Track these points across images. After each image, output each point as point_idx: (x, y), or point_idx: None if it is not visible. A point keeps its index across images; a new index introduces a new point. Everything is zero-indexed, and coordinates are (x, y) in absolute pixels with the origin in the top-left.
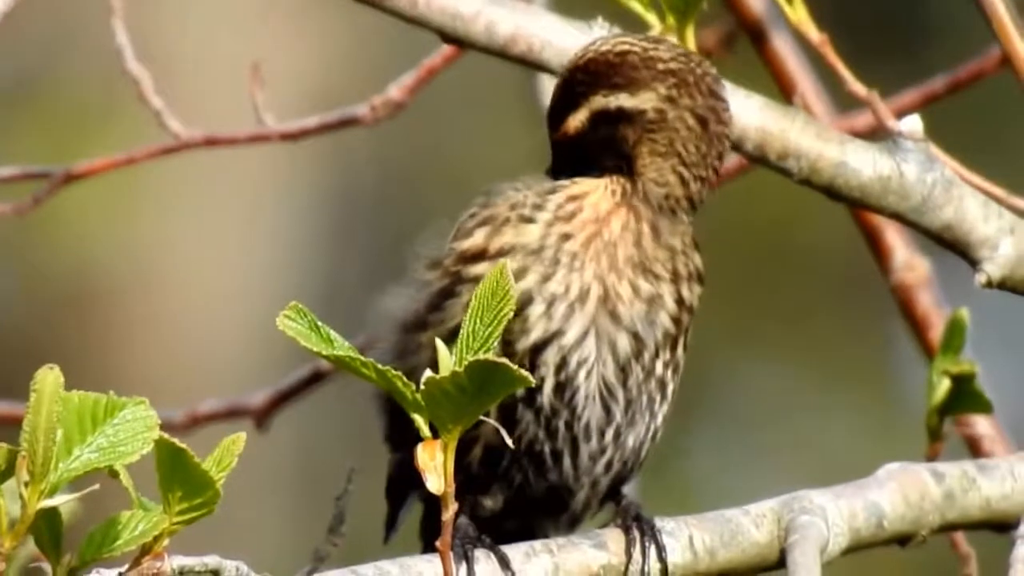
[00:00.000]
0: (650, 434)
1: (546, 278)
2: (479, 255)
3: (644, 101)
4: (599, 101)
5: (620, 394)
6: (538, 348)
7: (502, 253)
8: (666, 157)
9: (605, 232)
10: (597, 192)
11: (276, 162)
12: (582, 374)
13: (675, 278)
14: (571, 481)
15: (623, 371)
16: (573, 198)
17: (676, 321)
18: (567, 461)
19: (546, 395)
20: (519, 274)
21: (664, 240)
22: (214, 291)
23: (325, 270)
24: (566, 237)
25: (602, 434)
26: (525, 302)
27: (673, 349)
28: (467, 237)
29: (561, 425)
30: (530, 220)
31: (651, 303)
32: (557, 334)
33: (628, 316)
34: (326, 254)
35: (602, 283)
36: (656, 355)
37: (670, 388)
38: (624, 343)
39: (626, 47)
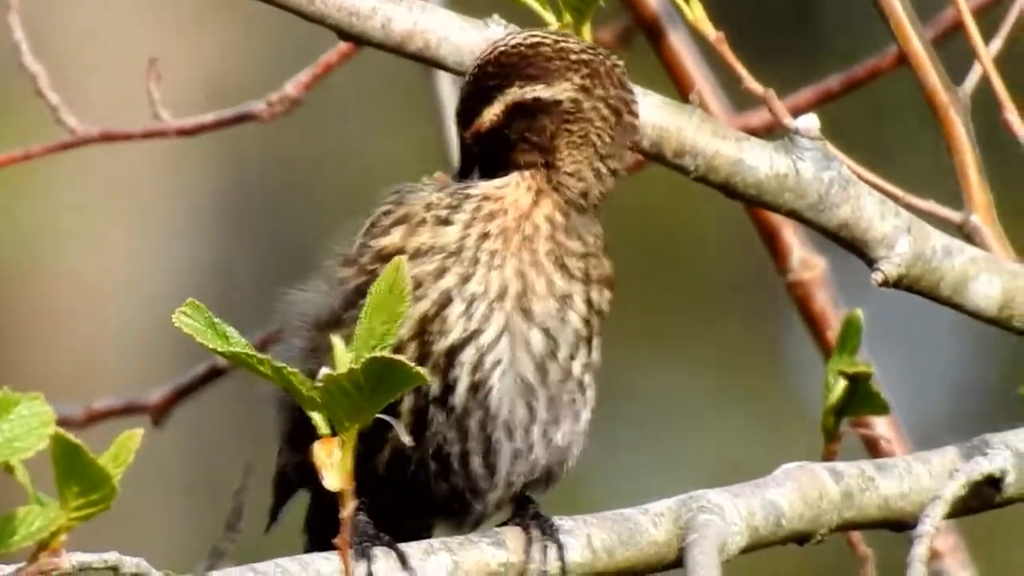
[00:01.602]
0: (577, 435)
1: (465, 279)
2: (396, 254)
3: (560, 91)
4: (514, 93)
5: (540, 392)
6: (455, 349)
7: (419, 253)
8: (582, 149)
9: (526, 226)
10: (515, 188)
11: (170, 158)
12: (496, 373)
13: (586, 279)
14: (479, 482)
15: (539, 370)
16: (490, 197)
17: (586, 322)
18: (476, 462)
19: (459, 395)
20: (437, 274)
21: (578, 236)
22: (109, 286)
23: (220, 267)
24: (485, 236)
25: (527, 431)
26: (444, 303)
27: (588, 352)
28: (384, 235)
29: (473, 425)
30: (447, 222)
31: (563, 301)
32: (475, 334)
33: (542, 313)
34: (221, 250)
35: (522, 278)
36: (571, 356)
37: (590, 392)
38: (538, 341)
39: (537, 39)
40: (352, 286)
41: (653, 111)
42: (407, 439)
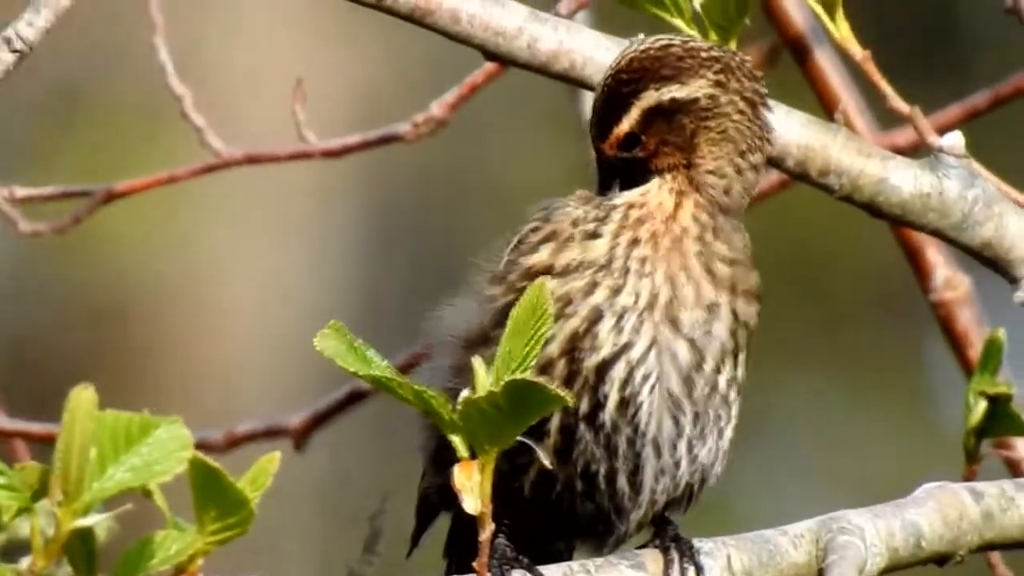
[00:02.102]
0: (720, 452)
1: (616, 291)
2: (545, 271)
3: (696, 89)
4: (650, 96)
5: (687, 407)
6: (606, 364)
7: (568, 270)
8: (722, 145)
9: (674, 227)
10: (658, 191)
11: (318, 178)
12: (646, 389)
13: (733, 289)
14: (624, 501)
15: (686, 383)
16: (635, 204)
17: (732, 334)
18: (622, 481)
19: (609, 412)
20: (587, 290)
21: (725, 239)
22: (255, 308)
23: (365, 286)
24: (635, 243)
25: (674, 447)
26: (594, 319)
27: (734, 366)
28: (532, 252)
29: (622, 442)
30: (595, 235)
31: (710, 310)
32: (626, 347)
33: (689, 323)
34: (367, 270)
35: (671, 284)
36: (717, 370)
37: (734, 409)
38: (684, 353)
39: (665, 42)
40: (500, 304)
41: (798, 129)
42: (548, 462)
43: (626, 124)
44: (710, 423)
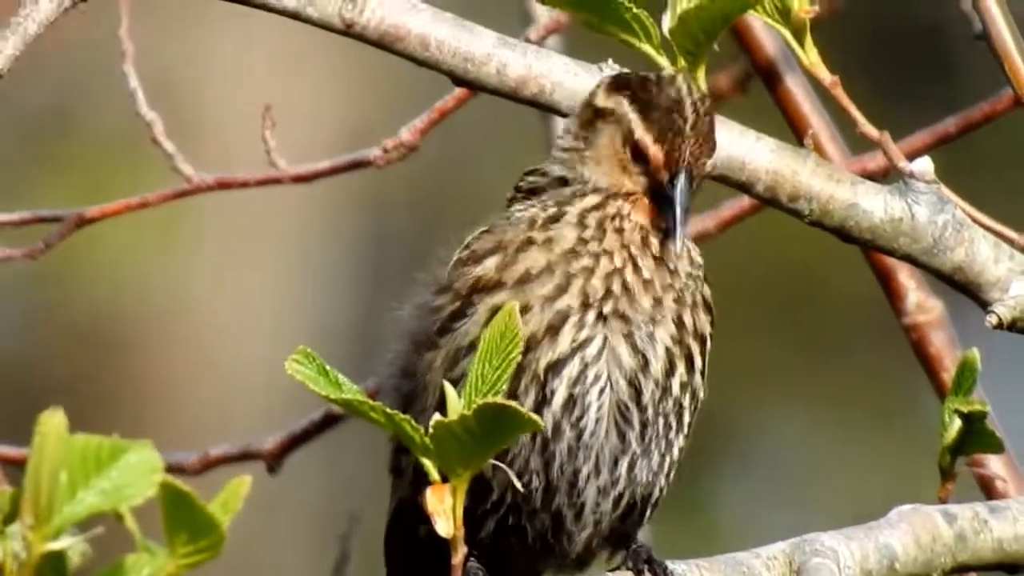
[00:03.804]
0: (665, 468)
1: (585, 274)
2: (494, 286)
3: None
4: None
5: (635, 416)
6: (561, 361)
7: (527, 279)
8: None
9: (628, 225)
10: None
11: (306, 203)
12: (595, 389)
13: (680, 298)
14: (568, 523)
15: (633, 386)
16: (597, 198)
17: (678, 342)
18: (561, 498)
19: (552, 411)
20: (554, 295)
21: (672, 248)
22: (245, 334)
23: (357, 312)
24: (603, 230)
25: (615, 463)
26: (559, 321)
27: (689, 371)
28: (477, 263)
29: (560, 452)
30: (558, 218)
31: (661, 313)
32: (584, 344)
33: (640, 323)
34: (358, 296)
35: (626, 284)
36: (668, 372)
37: (687, 417)
38: (631, 355)
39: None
40: (447, 313)
41: (768, 155)
42: (519, 484)
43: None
44: (659, 435)
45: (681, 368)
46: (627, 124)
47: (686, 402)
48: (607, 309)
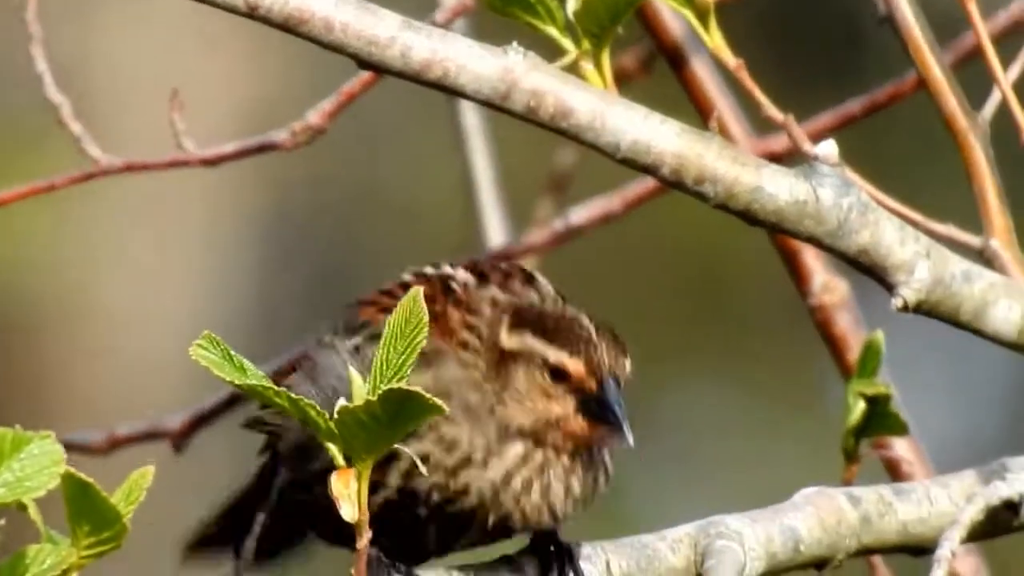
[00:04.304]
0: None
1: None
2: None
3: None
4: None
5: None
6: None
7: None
8: None
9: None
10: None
11: (209, 185)
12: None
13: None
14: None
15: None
16: (522, 447)
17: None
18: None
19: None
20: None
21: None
22: (146, 314)
23: (258, 293)
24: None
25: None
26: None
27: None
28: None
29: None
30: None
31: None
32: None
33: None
34: (258, 275)
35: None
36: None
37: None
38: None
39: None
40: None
41: (673, 138)
42: (424, 468)
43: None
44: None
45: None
46: (539, 353)
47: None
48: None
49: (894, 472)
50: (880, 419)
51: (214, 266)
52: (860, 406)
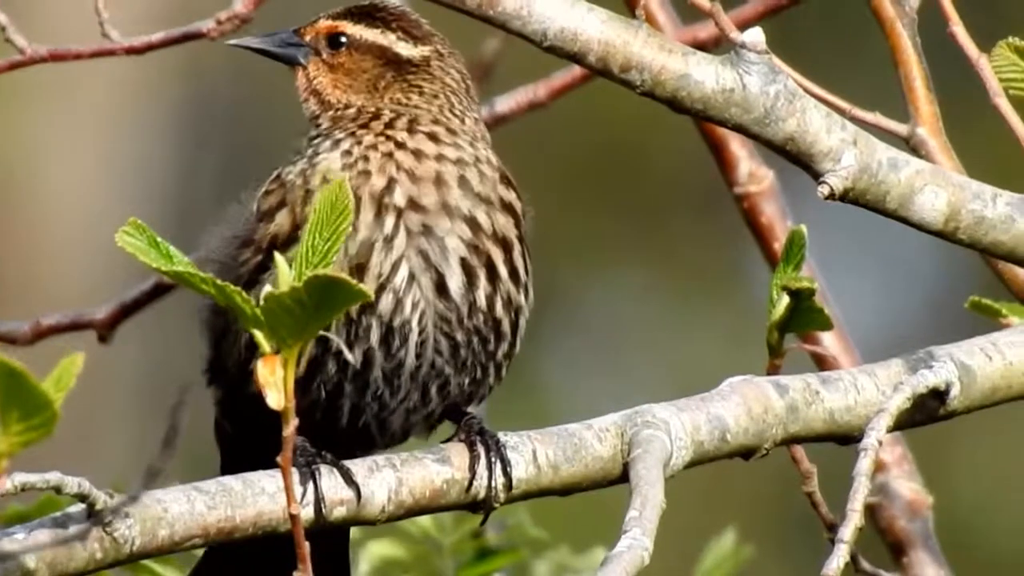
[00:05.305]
0: (490, 376)
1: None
2: (289, 240)
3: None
4: (389, 38)
5: (444, 342)
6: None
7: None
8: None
9: (396, 153)
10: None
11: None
12: (415, 319)
13: (463, 178)
14: (375, 432)
15: (442, 303)
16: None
17: (474, 248)
18: (369, 419)
19: (370, 344)
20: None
21: (448, 161)
22: (69, 205)
23: (180, 181)
24: (366, 170)
25: (425, 387)
26: (363, 260)
27: (492, 280)
28: (270, 221)
29: (376, 380)
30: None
31: (440, 189)
32: (391, 274)
33: (429, 222)
34: (180, 166)
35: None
36: (470, 285)
37: (506, 327)
38: (431, 273)
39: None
40: (252, 266)
41: (599, 26)
42: (351, 357)
43: (351, 28)
44: (474, 352)
45: (483, 279)
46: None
47: (499, 314)
48: (399, 200)
49: (822, 367)
50: (804, 314)
51: (133, 152)
52: (784, 300)
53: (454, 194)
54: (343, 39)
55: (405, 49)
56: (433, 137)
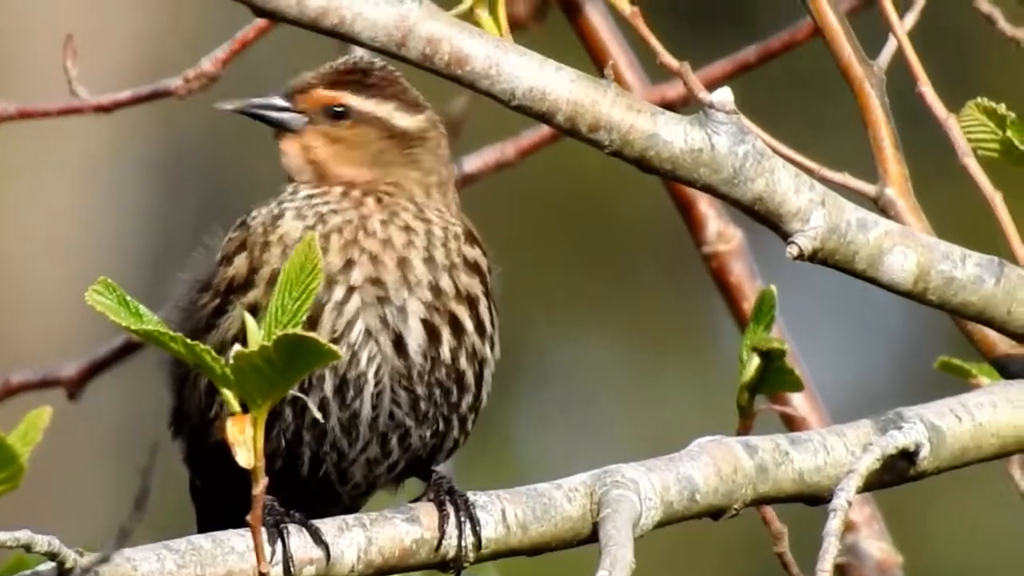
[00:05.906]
0: (454, 428)
1: (329, 279)
2: (244, 284)
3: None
4: (386, 109)
5: (402, 395)
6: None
7: (273, 278)
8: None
9: (361, 220)
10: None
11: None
12: (371, 371)
13: (429, 257)
14: (337, 485)
15: (402, 360)
16: (315, 195)
17: (436, 309)
18: (328, 469)
19: (325, 393)
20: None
21: (415, 230)
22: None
23: (153, 234)
24: (320, 217)
25: (384, 439)
26: (315, 315)
27: (457, 335)
28: (229, 265)
29: (333, 430)
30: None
31: (403, 268)
32: (345, 330)
33: (387, 294)
34: (152, 219)
35: (372, 262)
36: (433, 342)
37: (470, 379)
38: (384, 334)
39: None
40: (210, 309)
41: (568, 85)
42: (319, 414)
43: (352, 100)
44: (436, 404)
45: (447, 335)
46: None
47: (463, 366)
48: (355, 279)
49: (791, 427)
50: (775, 375)
51: (104, 210)
52: (755, 362)
53: (417, 272)
54: (343, 110)
55: (403, 120)
56: (407, 228)
